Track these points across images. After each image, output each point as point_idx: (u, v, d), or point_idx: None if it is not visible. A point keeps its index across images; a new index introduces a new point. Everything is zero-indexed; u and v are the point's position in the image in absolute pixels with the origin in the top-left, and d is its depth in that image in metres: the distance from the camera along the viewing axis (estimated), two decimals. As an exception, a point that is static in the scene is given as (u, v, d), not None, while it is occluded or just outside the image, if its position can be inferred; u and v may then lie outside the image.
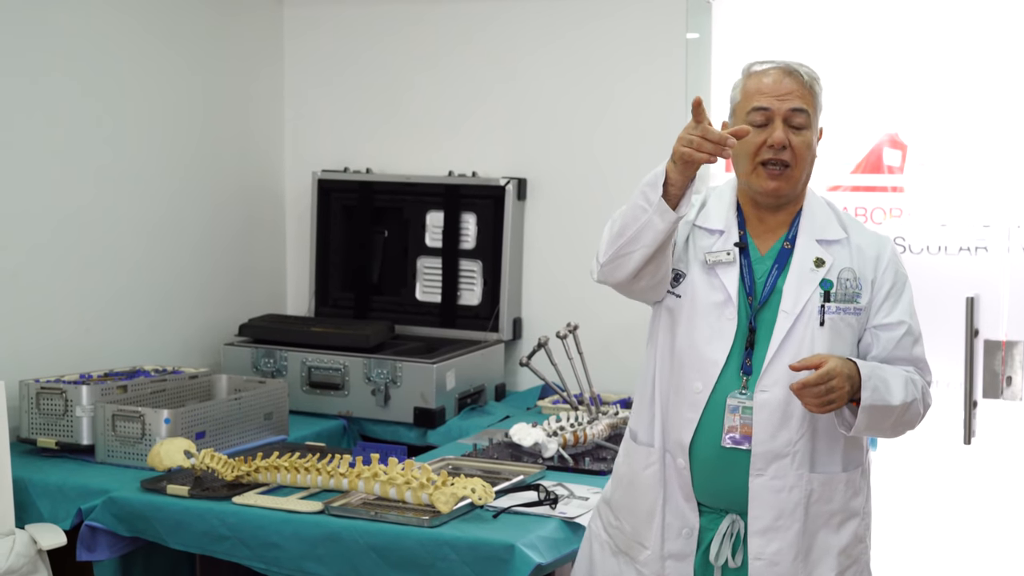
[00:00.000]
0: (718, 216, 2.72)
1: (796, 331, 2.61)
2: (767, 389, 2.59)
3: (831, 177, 4.43)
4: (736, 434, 2.60)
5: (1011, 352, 4.16)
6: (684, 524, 2.68)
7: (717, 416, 2.62)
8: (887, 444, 4.39)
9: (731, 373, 2.63)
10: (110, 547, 3.52)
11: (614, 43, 4.82)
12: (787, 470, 2.60)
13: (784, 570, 2.61)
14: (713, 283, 2.66)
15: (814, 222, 2.70)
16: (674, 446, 2.67)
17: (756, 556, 2.61)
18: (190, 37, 4.89)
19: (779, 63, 2.67)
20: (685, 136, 2.46)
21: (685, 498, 2.67)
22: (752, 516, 2.61)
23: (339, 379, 4.62)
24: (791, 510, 2.60)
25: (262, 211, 5.31)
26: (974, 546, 4.36)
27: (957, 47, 4.22)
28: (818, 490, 2.62)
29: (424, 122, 5.17)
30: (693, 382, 2.64)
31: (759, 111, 2.62)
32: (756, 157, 2.63)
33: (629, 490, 2.77)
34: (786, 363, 2.57)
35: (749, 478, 2.60)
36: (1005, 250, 4.09)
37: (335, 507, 3.28)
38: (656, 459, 2.70)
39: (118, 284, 4.58)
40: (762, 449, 2.59)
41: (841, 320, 2.64)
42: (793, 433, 2.60)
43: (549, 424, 3.86)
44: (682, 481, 2.66)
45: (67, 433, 3.94)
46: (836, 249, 2.68)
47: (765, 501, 2.60)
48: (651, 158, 4.67)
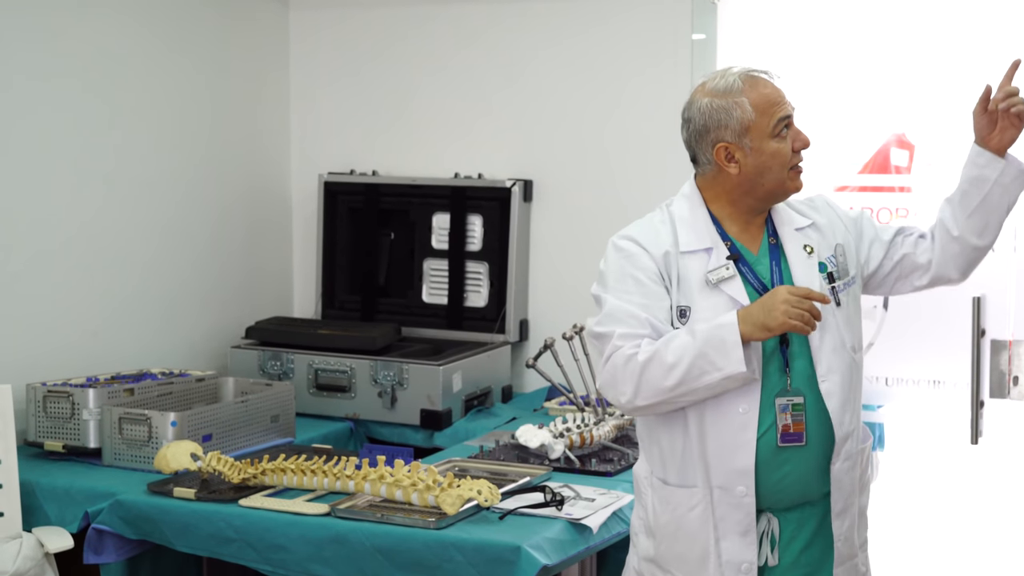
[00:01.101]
0: (697, 235, 2.69)
1: (826, 316, 2.65)
2: (826, 377, 2.64)
3: (838, 177, 4.42)
4: (789, 432, 2.62)
5: (1018, 352, 4.15)
6: (743, 559, 2.64)
7: (766, 424, 2.62)
8: (895, 444, 4.39)
9: (768, 376, 2.62)
10: (117, 550, 3.52)
11: (619, 44, 4.82)
12: (852, 449, 2.70)
13: (851, 543, 2.73)
14: (722, 302, 2.63)
15: (782, 216, 2.76)
16: (730, 476, 2.61)
17: (837, 537, 2.69)
18: (196, 41, 4.90)
19: (757, 72, 2.68)
20: (794, 308, 2.50)
21: (742, 532, 2.63)
22: (833, 500, 2.67)
23: (346, 381, 4.63)
24: (854, 487, 2.72)
25: (269, 214, 5.32)
26: (981, 546, 4.35)
27: (964, 47, 4.21)
28: (862, 462, 2.74)
29: (430, 124, 5.17)
30: (736, 405, 2.61)
31: (786, 120, 2.66)
32: (789, 164, 2.67)
33: (676, 537, 2.69)
34: (829, 350, 2.64)
35: (831, 465, 2.66)
36: (1012, 249, 4.07)
37: (341, 509, 3.28)
38: (700, 498, 2.65)
39: (125, 287, 4.59)
40: (841, 435, 2.66)
41: (850, 295, 2.74)
42: (853, 413, 2.69)
43: (555, 425, 3.86)
44: (741, 513, 2.62)
45: (74, 436, 3.94)
46: (811, 233, 2.75)
47: (841, 484, 2.69)
48: (657, 159, 4.72)
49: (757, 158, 2.64)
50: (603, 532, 3.22)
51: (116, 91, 4.53)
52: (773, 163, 2.64)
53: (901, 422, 4.33)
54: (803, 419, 2.62)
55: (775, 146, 2.64)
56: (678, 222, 2.71)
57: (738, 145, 2.64)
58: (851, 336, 2.71)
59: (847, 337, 2.69)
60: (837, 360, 2.66)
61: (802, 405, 2.62)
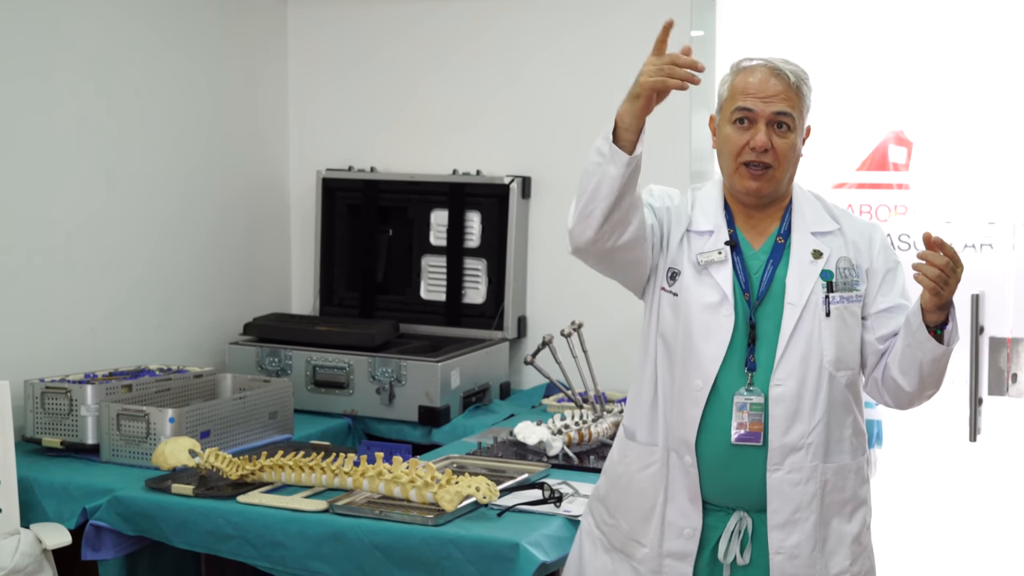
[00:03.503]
0: (706, 217, 2.72)
1: (804, 323, 2.62)
2: (781, 383, 2.60)
3: (836, 174, 4.42)
4: (745, 431, 2.60)
5: (1016, 349, 4.15)
6: (687, 524, 2.66)
7: (722, 413, 2.61)
8: (893, 441, 4.39)
9: (733, 370, 2.62)
10: (115, 546, 3.52)
11: (618, 41, 4.81)
12: (803, 462, 2.61)
13: (803, 562, 2.62)
14: (707, 283, 2.65)
15: (804, 216, 2.72)
16: (679, 444, 2.65)
17: (776, 550, 2.61)
18: (194, 37, 4.90)
19: (767, 61, 2.67)
20: (653, 66, 2.52)
21: (690, 498, 2.65)
22: (771, 510, 2.61)
23: (344, 378, 4.62)
24: (808, 502, 2.61)
25: (267, 210, 5.32)
26: (979, 543, 4.35)
27: (963, 44, 4.21)
28: (832, 480, 2.64)
29: (428, 121, 5.17)
30: (693, 379, 2.63)
31: (743, 111, 2.64)
32: (739, 157, 2.65)
33: (627, 489, 2.75)
34: (796, 357, 2.59)
35: (766, 473, 2.60)
36: (1010, 247, 4.08)
37: (340, 506, 3.28)
38: (658, 458, 2.69)
39: (123, 284, 4.58)
40: (778, 444, 2.60)
41: (846, 309, 2.65)
42: (807, 425, 2.60)
43: (554, 422, 3.86)
44: (688, 480, 2.65)
45: (72, 432, 3.94)
46: (830, 240, 2.70)
47: (783, 495, 2.61)
48: (656, 156, 4.70)
49: (717, 139, 2.71)
50: (601, 529, 3.22)
51: (114, 87, 4.53)
52: (723, 148, 2.68)
53: (899, 419, 4.32)
54: (762, 420, 2.60)
55: (727, 131, 2.66)
56: (698, 201, 2.76)
57: (715, 121, 2.73)
58: (834, 351, 2.62)
59: (828, 350, 2.61)
60: (803, 369, 2.59)
61: (762, 406, 2.60)
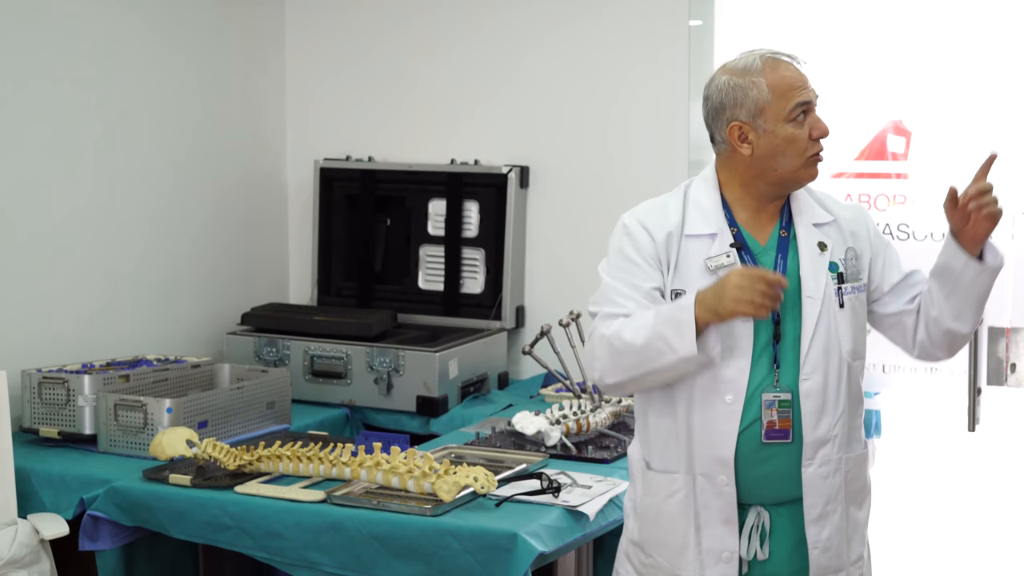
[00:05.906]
0: (705, 219, 2.67)
1: (823, 316, 2.62)
2: (808, 377, 2.60)
3: (835, 164, 4.41)
4: (775, 428, 2.59)
5: (1015, 339, 4.15)
6: (724, 548, 2.62)
7: (750, 418, 2.59)
8: (892, 431, 4.39)
9: (758, 371, 2.60)
10: (112, 537, 3.52)
11: (616, 30, 4.80)
12: (830, 455, 2.62)
13: (834, 553, 2.64)
14: None
15: (801, 207, 2.71)
16: (711, 465, 2.60)
17: (814, 544, 2.62)
18: (191, 27, 4.88)
19: (775, 54, 2.65)
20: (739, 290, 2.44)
21: (724, 520, 2.61)
22: (807, 505, 2.62)
23: (342, 368, 4.62)
24: (835, 494, 2.64)
25: (265, 200, 5.31)
26: (978, 533, 4.36)
27: (961, 34, 4.20)
28: (852, 470, 2.67)
29: (426, 110, 5.16)
30: (723, 395, 2.59)
31: (804, 105, 2.61)
32: (806, 152, 2.62)
33: (657, 521, 2.69)
34: (819, 350, 2.59)
35: (801, 468, 2.60)
36: (1009, 237, 4.07)
37: (337, 496, 3.27)
38: (681, 485, 2.64)
39: (121, 274, 4.58)
40: (811, 438, 2.60)
41: (856, 299, 2.68)
42: (832, 418, 2.62)
43: (552, 412, 3.85)
44: (723, 503, 2.60)
45: (69, 423, 3.94)
46: (829, 230, 2.69)
47: (816, 488, 2.61)
48: (654, 146, 4.71)
49: (770, 141, 2.60)
50: (599, 519, 3.22)
51: (110, 78, 4.51)
52: (787, 148, 2.60)
53: (898, 409, 4.33)
54: (790, 416, 2.59)
55: (790, 131, 2.60)
56: (690, 203, 2.69)
57: (752, 126, 2.61)
58: (850, 342, 2.65)
59: (845, 341, 2.63)
60: (825, 362, 2.61)
61: (789, 402, 2.59)
